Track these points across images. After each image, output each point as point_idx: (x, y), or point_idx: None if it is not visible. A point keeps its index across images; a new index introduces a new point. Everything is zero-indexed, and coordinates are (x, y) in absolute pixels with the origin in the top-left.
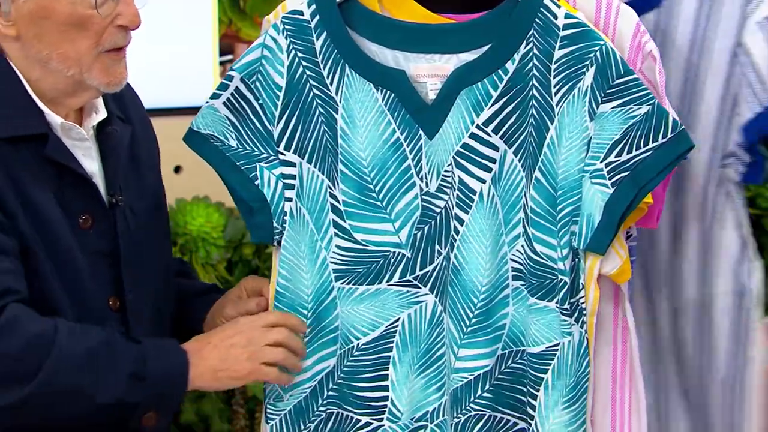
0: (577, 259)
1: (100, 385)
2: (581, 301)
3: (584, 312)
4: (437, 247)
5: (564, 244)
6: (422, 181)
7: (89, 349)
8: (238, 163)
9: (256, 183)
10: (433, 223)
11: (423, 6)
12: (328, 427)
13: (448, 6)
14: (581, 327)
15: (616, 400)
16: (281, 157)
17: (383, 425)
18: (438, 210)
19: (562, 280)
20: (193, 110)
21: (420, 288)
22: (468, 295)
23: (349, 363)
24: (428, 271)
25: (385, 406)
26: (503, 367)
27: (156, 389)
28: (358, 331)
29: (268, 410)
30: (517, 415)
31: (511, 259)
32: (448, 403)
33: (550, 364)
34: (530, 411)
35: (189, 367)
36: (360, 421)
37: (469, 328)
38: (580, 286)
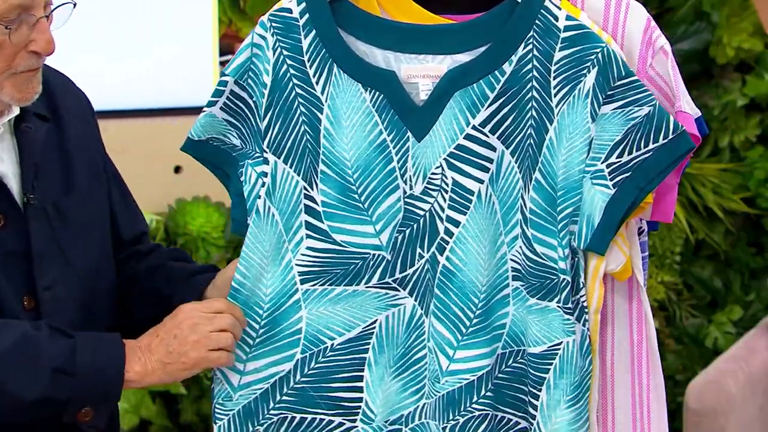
0: (576, 258)
1: (21, 382)
2: (582, 299)
3: (585, 310)
4: (419, 250)
5: (565, 244)
6: (406, 184)
7: (6, 346)
8: (238, 160)
9: (241, 179)
10: (415, 226)
11: (423, 7)
12: (281, 431)
13: (447, 7)
14: (583, 325)
15: (635, 387)
16: (264, 155)
17: (356, 426)
18: (421, 213)
19: (564, 279)
20: (193, 110)
21: (399, 291)
22: (467, 296)
23: (319, 364)
24: (408, 275)
25: (359, 407)
26: (504, 367)
27: (87, 384)
28: (332, 331)
29: (216, 410)
30: (519, 414)
31: (511, 260)
32: (431, 407)
33: (551, 364)
34: (532, 411)
35: (124, 361)
36: (332, 421)
37: (469, 330)
38: (581, 285)
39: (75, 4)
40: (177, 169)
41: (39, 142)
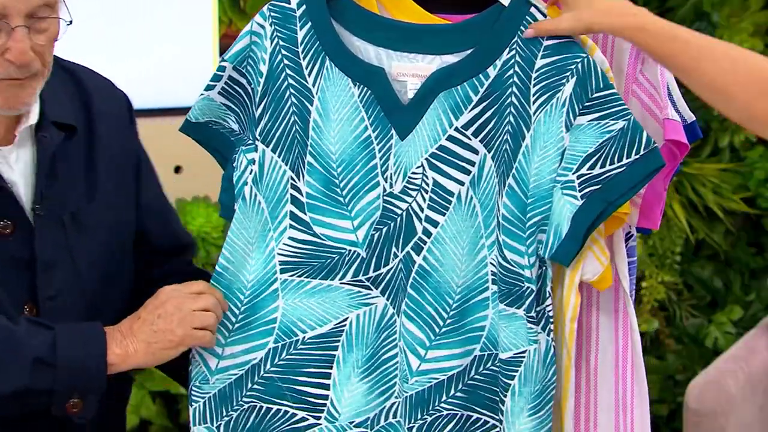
0: (543, 268)
1: (0, 374)
2: (548, 309)
3: (550, 320)
4: (394, 249)
5: (532, 252)
6: (386, 182)
7: None
8: (236, 145)
9: (233, 164)
10: (392, 224)
11: (421, 6)
12: (251, 420)
13: (445, 6)
14: (548, 335)
15: (619, 395)
16: (255, 142)
17: (320, 424)
18: (399, 212)
19: (529, 288)
20: None
21: (371, 290)
22: (442, 296)
23: (290, 355)
24: (381, 273)
25: (324, 404)
26: (481, 368)
27: (69, 374)
28: (305, 324)
29: (192, 392)
30: (496, 417)
31: (490, 263)
32: (401, 407)
33: (517, 371)
34: (500, 416)
35: (106, 347)
36: (296, 415)
37: (443, 330)
38: (547, 294)
39: (70, 22)
40: (177, 169)
41: (54, 151)
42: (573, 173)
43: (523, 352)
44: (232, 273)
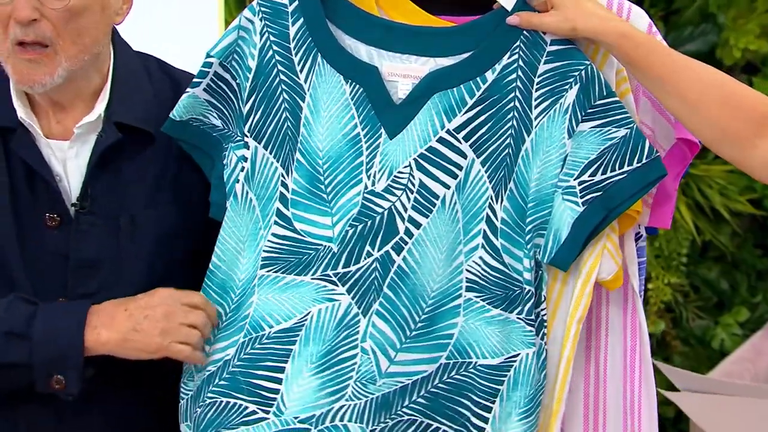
0: (540, 271)
1: None
2: (543, 313)
3: (545, 324)
4: (368, 248)
5: (531, 256)
6: (369, 179)
7: None
8: (220, 140)
9: (224, 162)
10: (369, 222)
11: (424, 8)
12: (209, 416)
13: (446, 8)
14: (542, 339)
15: (627, 395)
16: (246, 139)
17: (268, 418)
18: (380, 210)
19: (529, 291)
20: None
21: (337, 286)
22: (416, 299)
23: (253, 350)
24: (350, 271)
25: (275, 398)
26: (445, 377)
27: (44, 348)
28: (272, 319)
29: (181, 389)
30: (454, 426)
31: (467, 270)
32: (359, 409)
33: (506, 376)
34: (478, 422)
35: (85, 326)
36: (247, 408)
37: (413, 333)
38: (542, 299)
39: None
40: None
41: (105, 151)
42: (574, 179)
43: (515, 356)
44: (224, 272)
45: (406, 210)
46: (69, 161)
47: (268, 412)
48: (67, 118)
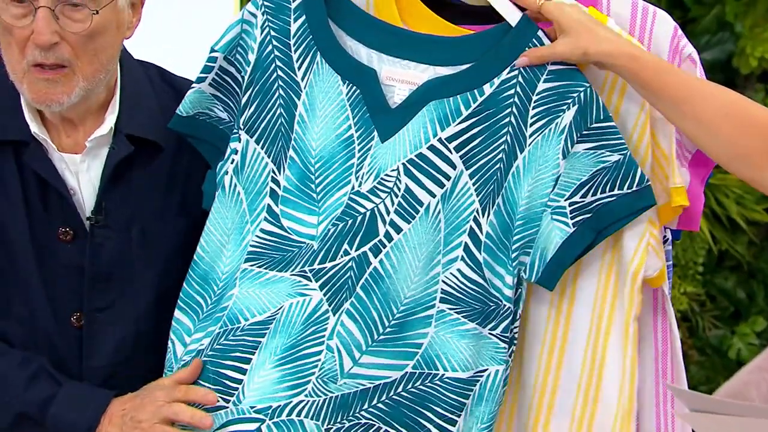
0: (520, 290)
1: None
2: (515, 330)
3: (515, 341)
4: (345, 246)
5: (514, 274)
6: (356, 180)
7: None
8: (227, 133)
9: (224, 154)
10: (350, 222)
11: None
12: None
13: (471, 19)
14: (510, 357)
15: (660, 398)
16: (240, 132)
17: (227, 407)
18: (362, 211)
19: (508, 308)
20: None
21: (310, 281)
22: (388, 303)
23: (226, 341)
24: (325, 268)
25: (237, 388)
26: (409, 386)
27: None
28: (249, 312)
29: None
30: None
31: (443, 281)
32: (317, 406)
33: (472, 390)
34: None
35: (98, 422)
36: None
37: (381, 337)
38: (518, 316)
39: (97, 12)
40: None
41: (119, 163)
42: (565, 200)
43: (483, 371)
44: (207, 263)
45: (388, 213)
46: (81, 174)
47: (228, 401)
48: (77, 132)
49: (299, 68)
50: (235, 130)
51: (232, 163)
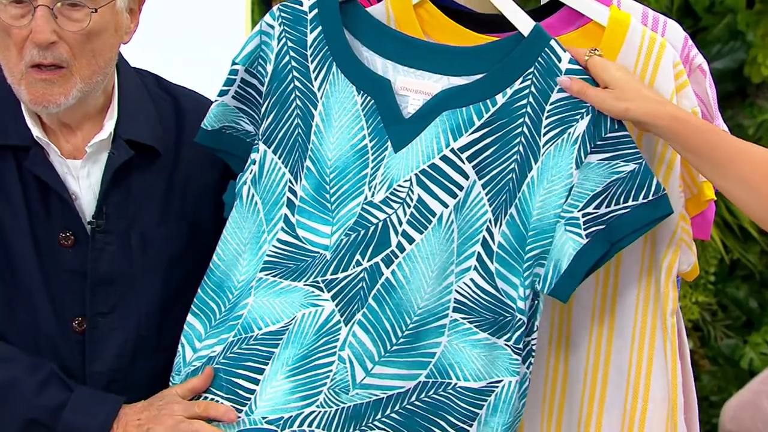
0: (536, 301)
1: None
2: (533, 342)
3: (533, 353)
4: (357, 257)
5: (528, 285)
6: (369, 191)
7: None
8: (252, 145)
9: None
10: (363, 232)
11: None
12: None
13: (486, 28)
14: (527, 368)
15: (669, 409)
16: (258, 142)
17: (239, 416)
18: (374, 221)
19: (520, 319)
20: None
21: (322, 292)
22: (401, 313)
23: (240, 349)
24: (337, 278)
25: (250, 398)
26: (422, 395)
27: None
28: (263, 321)
29: (170, 383)
30: None
31: (456, 291)
32: (329, 417)
33: (486, 400)
34: None
35: (110, 428)
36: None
37: (394, 347)
38: (535, 328)
39: (95, 10)
40: None
41: (119, 168)
42: (578, 210)
43: (498, 382)
44: (223, 271)
45: (401, 224)
46: (81, 180)
47: (240, 411)
48: (76, 137)
49: (316, 79)
50: (255, 141)
51: (250, 173)
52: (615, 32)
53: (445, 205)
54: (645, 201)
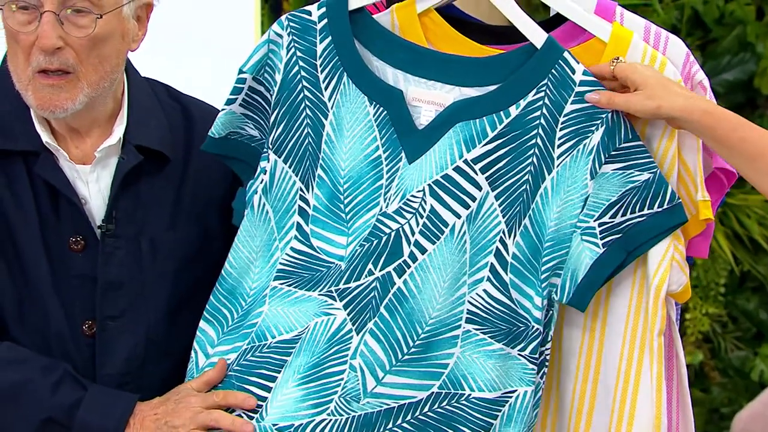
0: (551, 311)
1: (5, 425)
2: (547, 352)
3: (546, 363)
4: (370, 266)
5: (545, 295)
6: (384, 201)
7: (2, 386)
8: (259, 150)
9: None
10: (376, 242)
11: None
12: None
13: (491, 39)
14: (541, 378)
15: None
16: (269, 152)
17: (251, 423)
18: (387, 231)
19: (536, 329)
20: None
21: (335, 301)
22: (412, 323)
23: (253, 357)
24: (350, 288)
25: (261, 406)
26: (435, 406)
27: None
28: (277, 330)
29: None
30: None
31: (469, 302)
32: (339, 426)
33: (500, 411)
34: None
35: (125, 425)
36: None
37: (405, 357)
38: (549, 338)
39: (100, 16)
40: None
41: (128, 173)
42: (594, 220)
43: (512, 392)
44: (234, 278)
45: (413, 234)
46: (91, 185)
47: (251, 419)
48: (85, 143)
49: (326, 88)
50: (264, 150)
51: (261, 182)
52: (616, 49)
53: (458, 216)
54: (660, 210)
